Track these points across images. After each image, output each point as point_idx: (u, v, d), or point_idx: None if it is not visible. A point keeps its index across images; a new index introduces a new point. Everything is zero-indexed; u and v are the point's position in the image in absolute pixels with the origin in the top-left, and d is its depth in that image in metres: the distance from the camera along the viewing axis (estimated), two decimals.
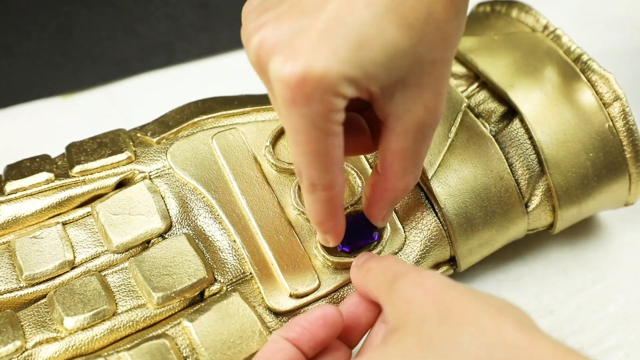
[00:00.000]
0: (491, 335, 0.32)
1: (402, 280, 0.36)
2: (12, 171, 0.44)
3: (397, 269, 0.37)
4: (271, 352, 0.37)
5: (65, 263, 0.42)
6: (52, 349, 0.39)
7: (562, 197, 0.45)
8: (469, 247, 0.44)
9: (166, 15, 0.66)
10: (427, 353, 0.32)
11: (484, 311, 0.32)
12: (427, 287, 0.35)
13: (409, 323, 0.34)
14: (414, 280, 0.35)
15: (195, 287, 0.41)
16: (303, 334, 0.38)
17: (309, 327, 0.38)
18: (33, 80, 0.61)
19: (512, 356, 0.31)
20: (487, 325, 0.32)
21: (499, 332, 0.32)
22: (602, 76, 0.45)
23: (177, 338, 0.40)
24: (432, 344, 0.32)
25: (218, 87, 0.49)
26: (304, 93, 0.34)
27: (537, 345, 0.31)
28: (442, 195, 0.43)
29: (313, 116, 0.34)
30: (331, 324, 0.38)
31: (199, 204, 0.44)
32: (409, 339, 0.33)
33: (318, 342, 0.38)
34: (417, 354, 0.33)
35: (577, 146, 0.45)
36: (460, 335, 0.32)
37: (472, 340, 0.32)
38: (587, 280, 0.48)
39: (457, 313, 0.33)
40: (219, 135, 0.45)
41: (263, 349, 0.38)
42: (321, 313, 0.38)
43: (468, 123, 0.45)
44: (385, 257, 0.40)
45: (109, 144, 0.45)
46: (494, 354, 0.31)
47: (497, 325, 0.32)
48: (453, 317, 0.33)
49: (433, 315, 0.33)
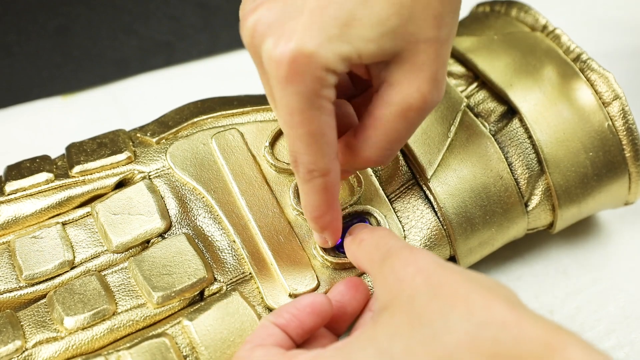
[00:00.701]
0: (480, 314, 0.32)
1: (394, 257, 0.36)
2: (12, 172, 0.44)
3: (390, 245, 0.37)
4: (261, 337, 0.38)
5: (65, 263, 0.42)
6: (52, 349, 0.39)
7: (562, 197, 0.45)
8: (469, 247, 0.44)
9: (166, 15, 0.66)
10: (417, 330, 0.33)
11: (474, 290, 0.33)
12: (419, 265, 0.35)
13: (399, 301, 0.34)
14: (407, 259, 0.36)
15: (195, 287, 0.41)
16: (291, 321, 0.39)
17: (298, 314, 0.39)
18: (33, 80, 0.61)
19: (501, 333, 0.31)
20: (477, 303, 0.32)
21: (488, 310, 0.32)
22: (602, 75, 0.45)
23: (177, 337, 0.40)
24: (422, 321, 0.33)
25: (218, 87, 0.49)
26: (296, 71, 0.35)
27: (526, 322, 0.31)
28: (442, 195, 0.43)
29: (307, 93, 0.35)
30: (319, 312, 0.39)
31: (199, 204, 0.44)
32: (399, 316, 0.34)
33: (306, 330, 0.39)
34: (407, 331, 0.33)
35: (577, 145, 0.45)
36: (450, 313, 0.32)
37: (461, 318, 0.32)
38: (587, 280, 0.48)
39: (448, 291, 0.33)
40: (218, 135, 0.45)
41: (253, 334, 0.39)
42: (310, 301, 0.39)
43: (467, 122, 0.45)
44: (378, 229, 0.40)
45: (109, 144, 0.45)
46: (483, 331, 0.32)
47: (487, 304, 0.32)
48: (443, 295, 0.33)
49: (423, 293, 0.34)
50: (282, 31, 0.35)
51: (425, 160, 0.44)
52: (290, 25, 0.35)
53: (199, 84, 0.58)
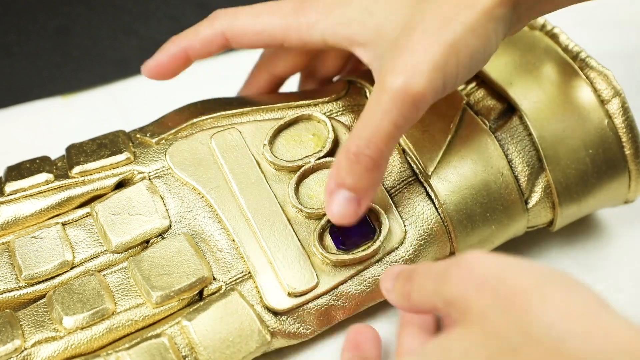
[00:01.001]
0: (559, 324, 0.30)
1: (445, 282, 0.34)
2: (12, 172, 0.44)
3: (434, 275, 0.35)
4: None
5: (65, 263, 0.42)
6: (51, 349, 0.39)
7: (562, 194, 0.45)
8: (469, 244, 0.44)
9: (166, 15, 0.66)
10: (494, 343, 0.31)
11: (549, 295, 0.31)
12: (478, 279, 0.33)
13: (471, 317, 0.33)
14: (459, 277, 0.34)
15: (194, 286, 0.41)
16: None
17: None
18: (33, 80, 0.61)
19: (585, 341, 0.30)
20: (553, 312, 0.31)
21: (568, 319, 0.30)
22: (601, 73, 0.45)
23: (176, 337, 0.40)
24: (499, 334, 0.31)
25: (218, 87, 0.49)
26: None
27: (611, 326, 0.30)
28: (442, 191, 0.43)
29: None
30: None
31: (198, 204, 0.44)
32: (473, 330, 0.32)
33: None
34: (481, 345, 0.31)
35: (577, 143, 0.45)
36: (527, 326, 0.31)
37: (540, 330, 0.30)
38: (587, 280, 0.48)
39: (520, 302, 0.31)
40: (217, 135, 0.45)
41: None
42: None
43: (467, 120, 0.45)
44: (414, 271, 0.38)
45: (109, 145, 0.45)
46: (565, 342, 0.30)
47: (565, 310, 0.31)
48: (516, 307, 0.31)
49: (494, 308, 0.32)
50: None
51: (426, 157, 0.44)
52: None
53: (199, 84, 0.58)
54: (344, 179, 0.39)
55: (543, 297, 0.31)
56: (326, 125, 0.45)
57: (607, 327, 0.30)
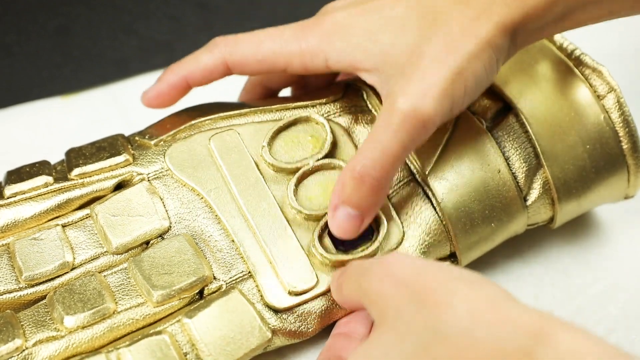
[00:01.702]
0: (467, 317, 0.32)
1: (367, 277, 0.36)
2: (12, 176, 0.45)
3: (360, 270, 0.38)
4: None
5: (65, 264, 0.42)
6: (52, 348, 0.40)
7: (561, 190, 0.45)
8: (469, 242, 0.44)
9: (166, 15, 0.66)
10: (408, 345, 0.32)
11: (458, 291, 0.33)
12: (395, 277, 0.35)
13: (387, 317, 0.34)
14: (379, 274, 0.36)
15: (194, 285, 0.41)
16: None
17: None
18: (33, 80, 0.61)
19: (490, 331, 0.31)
20: (462, 306, 0.32)
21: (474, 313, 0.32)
22: (595, 69, 0.45)
23: (177, 334, 0.40)
24: (411, 334, 0.33)
25: (217, 87, 0.49)
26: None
27: (515, 314, 0.31)
28: (440, 190, 0.44)
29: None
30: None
31: (198, 205, 0.44)
32: (389, 332, 0.34)
33: None
34: (398, 347, 0.33)
35: (574, 139, 0.45)
36: (437, 322, 0.32)
37: (448, 326, 0.32)
38: (587, 280, 0.48)
39: (431, 298, 0.33)
40: (216, 136, 0.45)
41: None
42: None
43: (464, 119, 0.45)
44: (348, 266, 0.40)
45: (107, 148, 0.45)
46: (472, 335, 0.31)
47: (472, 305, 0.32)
48: (428, 303, 0.33)
49: (408, 305, 0.33)
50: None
51: (423, 156, 0.44)
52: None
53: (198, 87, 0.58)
54: (348, 197, 0.40)
55: (451, 292, 0.33)
56: (324, 127, 0.45)
57: (511, 315, 0.31)
